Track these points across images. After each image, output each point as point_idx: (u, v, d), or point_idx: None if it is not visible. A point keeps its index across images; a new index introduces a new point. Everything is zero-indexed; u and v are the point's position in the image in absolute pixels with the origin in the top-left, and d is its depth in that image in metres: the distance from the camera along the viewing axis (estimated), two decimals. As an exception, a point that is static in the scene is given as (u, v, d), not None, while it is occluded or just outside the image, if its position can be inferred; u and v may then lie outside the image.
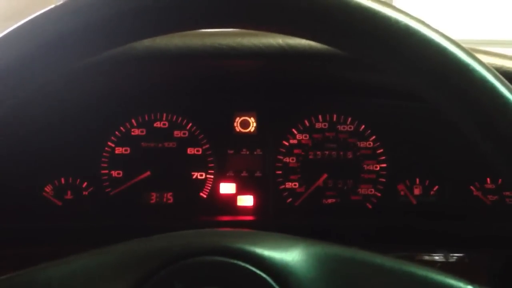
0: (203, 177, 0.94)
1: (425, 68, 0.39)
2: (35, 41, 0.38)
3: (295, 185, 0.94)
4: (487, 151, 0.39)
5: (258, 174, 0.94)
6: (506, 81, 0.39)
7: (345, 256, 0.44)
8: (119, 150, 0.93)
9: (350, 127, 0.94)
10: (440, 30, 0.40)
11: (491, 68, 0.39)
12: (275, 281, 0.42)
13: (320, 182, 0.94)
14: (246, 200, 0.94)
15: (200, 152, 0.94)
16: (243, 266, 0.42)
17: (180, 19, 0.39)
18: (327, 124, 0.94)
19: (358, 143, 0.94)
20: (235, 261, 0.42)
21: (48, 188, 0.92)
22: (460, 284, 0.41)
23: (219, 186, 0.94)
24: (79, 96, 0.89)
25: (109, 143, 0.93)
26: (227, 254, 0.43)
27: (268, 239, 0.45)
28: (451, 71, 0.38)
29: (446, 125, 0.87)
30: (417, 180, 0.93)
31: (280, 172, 0.94)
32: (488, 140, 0.39)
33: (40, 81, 0.39)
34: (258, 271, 0.42)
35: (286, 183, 0.94)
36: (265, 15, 0.39)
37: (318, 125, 0.94)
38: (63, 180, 0.92)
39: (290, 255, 0.43)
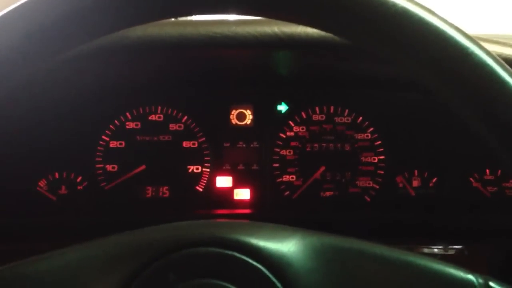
0: (199, 170, 0.93)
1: (424, 53, 0.38)
2: (21, 29, 0.37)
3: (292, 178, 0.93)
4: (488, 138, 0.38)
5: (255, 167, 0.93)
6: (506, 66, 0.38)
7: (343, 246, 0.43)
8: (113, 144, 0.92)
9: (348, 119, 0.93)
10: (440, 14, 0.39)
11: (491, 52, 0.38)
12: (271, 272, 0.41)
13: (317, 174, 0.93)
14: (243, 194, 0.93)
15: (196, 145, 0.93)
16: (239, 257, 0.41)
17: None
18: (324, 116, 0.93)
19: (356, 135, 0.93)
20: (231, 252, 0.41)
21: (42, 183, 0.91)
22: (460, 273, 0.41)
23: (215, 179, 0.93)
24: (72, 90, 0.88)
25: (104, 137, 0.92)
26: (223, 245, 0.42)
27: (264, 230, 0.44)
28: (450, 55, 0.37)
29: (445, 116, 0.87)
30: (416, 172, 0.92)
31: (277, 165, 0.93)
32: (488, 127, 0.38)
33: (26, 71, 0.38)
34: (254, 262, 0.41)
35: (283, 176, 0.93)
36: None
37: (315, 117, 0.93)
38: (57, 175, 0.91)
39: (287, 246, 0.42)
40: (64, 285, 0.42)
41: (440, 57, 0.37)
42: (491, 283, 0.40)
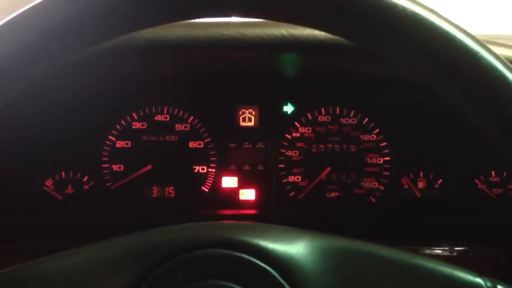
0: (205, 171, 0.93)
1: (433, 56, 0.38)
2: (33, 30, 0.37)
3: (297, 178, 0.93)
4: (495, 139, 0.38)
5: (260, 167, 0.93)
6: None
7: (351, 248, 0.43)
8: (120, 144, 0.92)
9: (353, 120, 0.93)
10: (449, 19, 0.39)
11: (500, 56, 0.38)
12: (279, 274, 0.41)
13: (323, 175, 0.93)
14: (248, 194, 0.93)
15: (201, 146, 0.93)
16: (247, 259, 0.41)
17: None
18: (330, 117, 0.93)
19: (361, 136, 0.93)
20: (239, 254, 0.41)
21: (48, 182, 0.91)
22: (469, 276, 0.41)
23: (221, 180, 0.93)
24: (79, 90, 0.88)
25: (110, 137, 0.92)
26: (231, 247, 0.42)
27: (272, 231, 0.44)
28: (459, 59, 0.37)
29: (450, 118, 0.87)
30: (421, 173, 0.92)
31: (282, 165, 0.93)
32: (496, 127, 0.38)
33: (39, 72, 0.38)
34: (262, 264, 0.41)
35: (289, 177, 0.93)
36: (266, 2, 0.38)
37: (321, 118, 0.93)
38: (63, 174, 0.91)
39: (295, 248, 0.42)
40: (74, 285, 0.42)
41: (449, 61, 0.37)
42: (499, 287, 0.40)
